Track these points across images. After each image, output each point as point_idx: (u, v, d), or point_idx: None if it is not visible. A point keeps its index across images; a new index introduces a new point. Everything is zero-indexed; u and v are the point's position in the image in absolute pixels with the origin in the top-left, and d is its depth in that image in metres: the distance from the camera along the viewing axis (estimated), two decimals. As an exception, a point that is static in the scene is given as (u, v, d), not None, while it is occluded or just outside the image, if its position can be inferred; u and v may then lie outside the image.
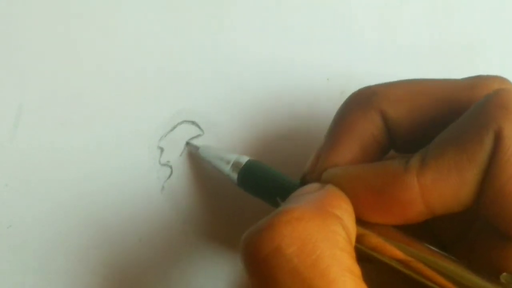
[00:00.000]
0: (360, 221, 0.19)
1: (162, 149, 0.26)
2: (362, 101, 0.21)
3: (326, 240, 0.16)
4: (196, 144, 0.26)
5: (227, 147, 0.27)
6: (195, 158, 0.27)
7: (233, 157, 0.24)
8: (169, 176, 0.26)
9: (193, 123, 0.27)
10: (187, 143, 0.26)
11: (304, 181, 0.22)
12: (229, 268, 0.29)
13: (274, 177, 0.23)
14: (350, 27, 0.29)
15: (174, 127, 0.26)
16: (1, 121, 0.23)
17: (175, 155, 0.27)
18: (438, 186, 0.17)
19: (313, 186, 0.20)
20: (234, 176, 0.24)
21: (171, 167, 0.26)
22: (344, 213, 0.18)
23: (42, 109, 0.23)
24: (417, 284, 0.18)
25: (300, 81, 0.28)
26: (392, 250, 0.18)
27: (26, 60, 0.23)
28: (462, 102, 0.20)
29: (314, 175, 0.21)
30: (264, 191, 0.23)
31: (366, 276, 0.16)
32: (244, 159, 0.24)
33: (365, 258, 0.19)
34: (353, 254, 0.17)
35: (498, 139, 0.17)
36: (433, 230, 0.22)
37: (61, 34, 0.23)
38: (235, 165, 0.24)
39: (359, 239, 0.19)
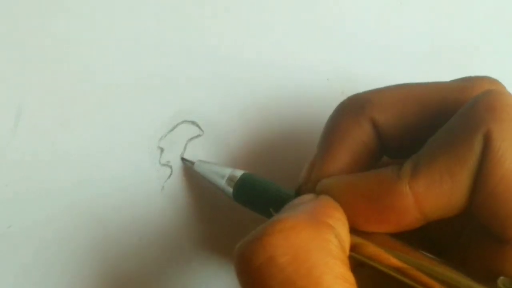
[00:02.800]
0: (356, 231, 0.19)
1: (162, 149, 0.26)
2: (352, 109, 0.21)
3: (319, 249, 0.16)
4: (191, 160, 0.26)
5: (227, 147, 0.27)
6: (191, 174, 0.27)
7: (227, 171, 0.25)
8: (169, 176, 0.26)
9: (193, 123, 0.27)
10: (182, 159, 0.26)
11: (299, 192, 0.22)
12: (228, 268, 0.29)
13: (269, 189, 0.23)
14: (350, 27, 0.29)
15: (174, 127, 0.26)
16: (1, 121, 0.23)
17: (175, 155, 0.27)
18: (431, 192, 0.17)
19: (307, 197, 0.20)
20: (230, 190, 0.24)
21: (171, 167, 0.26)
22: (337, 222, 0.18)
23: (42, 109, 0.23)
24: None
25: (300, 81, 0.28)
26: (389, 259, 0.18)
27: (26, 60, 0.23)
28: (451, 104, 0.20)
29: (308, 186, 0.21)
30: (259, 205, 0.23)
31: (361, 284, 0.16)
32: (239, 172, 0.24)
33: (359, 264, 0.19)
34: (347, 262, 0.17)
35: (487, 141, 0.17)
36: (428, 235, 0.22)
37: (61, 34, 0.23)
38: (230, 178, 0.24)
39: (355, 248, 0.19)
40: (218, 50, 0.26)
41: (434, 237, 0.22)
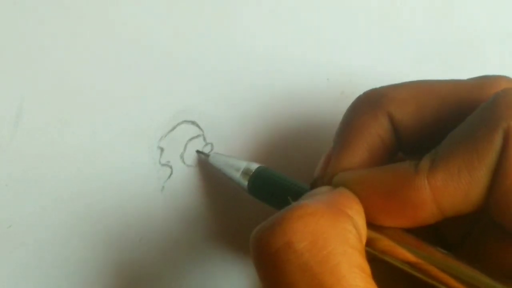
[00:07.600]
0: (371, 225, 0.19)
1: (162, 149, 0.26)
2: (369, 104, 0.21)
3: (338, 237, 0.16)
4: (206, 152, 0.26)
5: (227, 147, 0.27)
6: (204, 166, 0.27)
7: (243, 164, 0.25)
8: (169, 176, 0.26)
9: (193, 123, 0.27)
10: (197, 152, 0.27)
11: (314, 186, 0.22)
12: (228, 268, 0.29)
13: (284, 183, 0.23)
14: (350, 27, 0.29)
15: (174, 127, 0.26)
16: (1, 121, 0.23)
17: (175, 155, 0.26)
18: (449, 187, 0.17)
19: (324, 188, 0.20)
20: (245, 183, 0.24)
21: (171, 167, 0.26)
22: (355, 213, 0.18)
23: (42, 109, 0.23)
24: (427, 287, 0.18)
25: (300, 81, 0.28)
26: (404, 253, 0.18)
27: (26, 59, 0.23)
28: (469, 102, 0.20)
29: (324, 179, 0.21)
30: (274, 198, 0.23)
31: (375, 275, 0.16)
32: (254, 166, 0.25)
33: (372, 258, 0.18)
34: (363, 252, 0.17)
35: (507, 137, 0.17)
36: (437, 232, 0.22)
37: (61, 34, 0.23)
38: (245, 172, 0.25)
39: (370, 243, 0.19)
40: (219, 50, 0.26)
41: (443, 234, 0.22)
